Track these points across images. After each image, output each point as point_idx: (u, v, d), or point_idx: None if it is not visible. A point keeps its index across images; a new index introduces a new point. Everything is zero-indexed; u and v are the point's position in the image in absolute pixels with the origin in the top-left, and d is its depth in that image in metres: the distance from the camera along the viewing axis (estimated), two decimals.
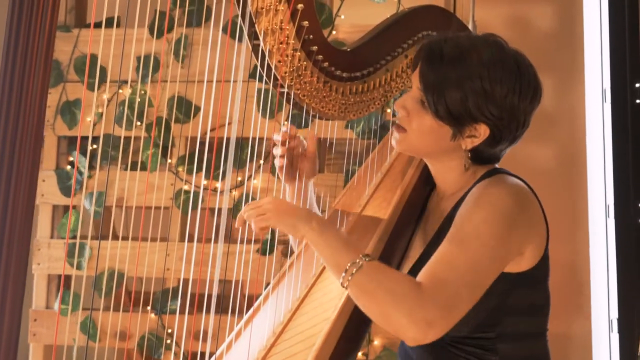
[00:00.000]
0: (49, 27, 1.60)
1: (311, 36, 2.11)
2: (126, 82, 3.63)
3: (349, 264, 1.83)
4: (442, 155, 2.06)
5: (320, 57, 2.14)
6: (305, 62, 2.12)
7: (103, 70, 3.68)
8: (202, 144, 3.58)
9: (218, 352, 2.12)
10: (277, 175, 3.35)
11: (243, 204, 3.34)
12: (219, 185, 3.53)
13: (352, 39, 3.48)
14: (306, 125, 3.36)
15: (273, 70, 2.08)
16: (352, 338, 2.01)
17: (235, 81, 2.40)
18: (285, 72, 2.10)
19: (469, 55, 1.95)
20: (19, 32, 1.57)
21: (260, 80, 3.12)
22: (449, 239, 1.88)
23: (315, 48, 2.12)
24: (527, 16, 3.66)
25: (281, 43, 2.07)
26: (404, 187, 2.23)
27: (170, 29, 3.62)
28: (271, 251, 3.40)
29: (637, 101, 3.13)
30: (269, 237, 3.37)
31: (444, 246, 1.87)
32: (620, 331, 3.11)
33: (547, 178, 3.38)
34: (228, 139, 3.39)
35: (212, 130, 3.49)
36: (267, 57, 2.06)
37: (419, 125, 2.01)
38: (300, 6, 2.06)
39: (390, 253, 2.11)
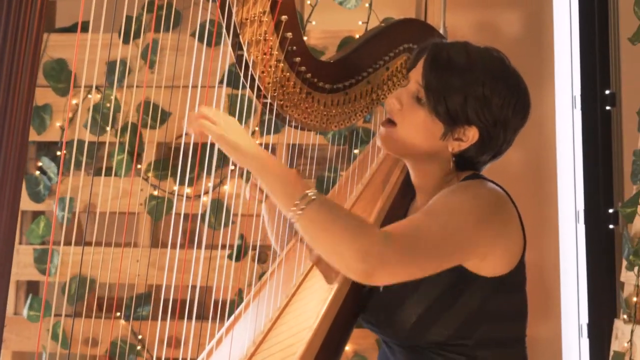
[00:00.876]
0: (36, 31, 1.60)
1: (294, 47, 2.11)
2: (96, 87, 3.61)
3: (302, 194, 1.84)
4: (426, 157, 2.07)
5: (303, 68, 2.14)
6: (288, 73, 2.13)
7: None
8: (173, 149, 3.57)
9: None
10: (249, 181, 3.37)
11: (225, 209, 3.35)
12: (189, 190, 3.52)
13: (324, 45, 3.51)
14: (277, 131, 3.36)
15: (257, 81, 2.08)
16: (333, 347, 2.02)
17: (204, 86, 2.40)
18: (269, 83, 2.10)
19: (474, 63, 2.00)
20: (6, 34, 1.56)
21: (236, 87, 3.12)
22: (420, 211, 1.90)
23: (298, 59, 2.13)
24: (495, 22, 3.69)
25: (265, 54, 2.07)
26: (384, 198, 2.23)
27: (140, 34, 3.59)
28: (242, 257, 3.39)
29: (607, 108, 3.16)
30: (240, 242, 3.37)
31: (414, 215, 1.90)
32: (590, 336, 3.15)
33: (516, 183, 3.40)
34: (199, 144, 3.38)
35: (181, 136, 3.48)
36: (250, 68, 2.06)
37: (411, 120, 2.03)
38: (284, 17, 2.07)
39: None
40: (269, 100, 2.12)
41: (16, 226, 1.61)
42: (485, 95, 1.98)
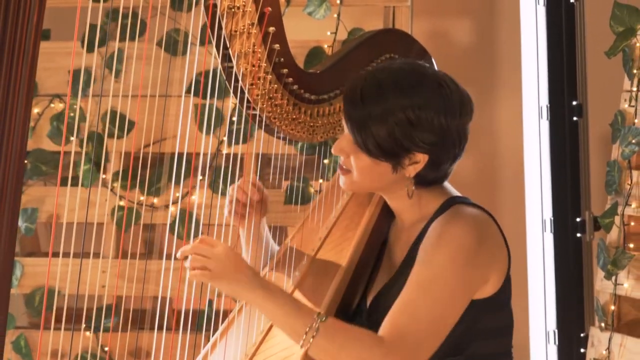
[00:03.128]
0: (33, 43, 1.60)
1: (282, 59, 2.13)
2: (58, 95, 3.56)
3: (306, 329, 1.87)
4: (390, 187, 2.07)
5: (290, 79, 2.16)
6: (276, 85, 2.14)
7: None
8: (138, 159, 3.53)
9: None
10: (217, 191, 3.35)
11: (189, 218, 3.31)
12: (155, 201, 3.49)
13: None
14: (246, 141, 3.36)
15: (246, 93, 2.09)
16: None
17: (169, 96, 2.40)
18: (258, 95, 2.11)
19: (387, 89, 1.96)
20: (3, 46, 1.57)
21: (204, 97, 3.11)
22: (410, 284, 1.92)
23: (285, 71, 2.14)
24: (447, 31, 3.73)
25: (253, 66, 2.07)
26: (366, 220, 2.22)
27: (103, 43, 3.56)
28: None
29: (574, 118, 3.22)
30: None
31: (405, 293, 1.92)
32: (559, 343, 3.21)
33: (484, 193, 3.45)
34: (165, 154, 3.36)
35: (148, 145, 3.46)
36: (240, 80, 2.06)
37: (359, 165, 2.02)
38: (271, 29, 2.09)
39: (354, 290, 2.13)
40: (257, 112, 2.12)
41: (15, 236, 1.60)
42: (409, 118, 1.94)
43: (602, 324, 2.84)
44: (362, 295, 2.14)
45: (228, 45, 2.04)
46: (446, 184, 2.12)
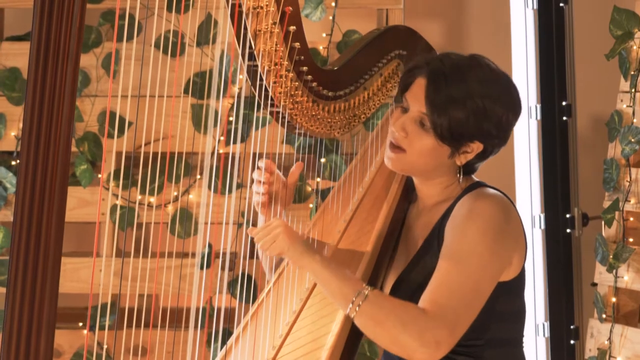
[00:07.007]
0: (76, 47, 1.64)
1: (302, 57, 2.19)
2: None
3: (355, 295, 1.96)
4: (436, 172, 2.15)
5: (309, 77, 2.22)
6: (297, 83, 2.20)
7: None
8: (135, 158, 3.56)
9: None
10: (214, 189, 3.40)
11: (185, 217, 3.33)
12: (153, 200, 3.52)
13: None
14: (243, 140, 3.40)
15: (270, 90, 2.15)
16: (352, 349, 2.11)
17: (168, 96, 2.46)
18: (280, 92, 2.17)
19: (468, 75, 2.06)
20: (47, 53, 1.61)
21: (200, 97, 3.15)
22: (445, 258, 2.00)
23: (305, 68, 2.21)
24: (438, 33, 3.81)
25: (275, 64, 2.14)
26: (388, 204, 2.29)
27: (98, 44, 3.59)
28: (209, 265, 3.41)
29: (564, 118, 3.32)
30: (206, 250, 3.39)
31: (441, 267, 1.99)
32: (551, 335, 3.30)
33: None
34: (162, 154, 3.40)
35: (145, 145, 3.49)
36: (264, 78, 2.13)
37: (419, 146, 2.09)
38: (292, 28, 2.15)
39: (378, 272, 2.19)
40: (280, 110, 2.19)
41: (62, 239, 1.64)
42: (485, 107, 2.03)
43: (603, 315, 2.95)
44: (383, 281, 2.21)
45: (252, 45, 2.10)
46: None
